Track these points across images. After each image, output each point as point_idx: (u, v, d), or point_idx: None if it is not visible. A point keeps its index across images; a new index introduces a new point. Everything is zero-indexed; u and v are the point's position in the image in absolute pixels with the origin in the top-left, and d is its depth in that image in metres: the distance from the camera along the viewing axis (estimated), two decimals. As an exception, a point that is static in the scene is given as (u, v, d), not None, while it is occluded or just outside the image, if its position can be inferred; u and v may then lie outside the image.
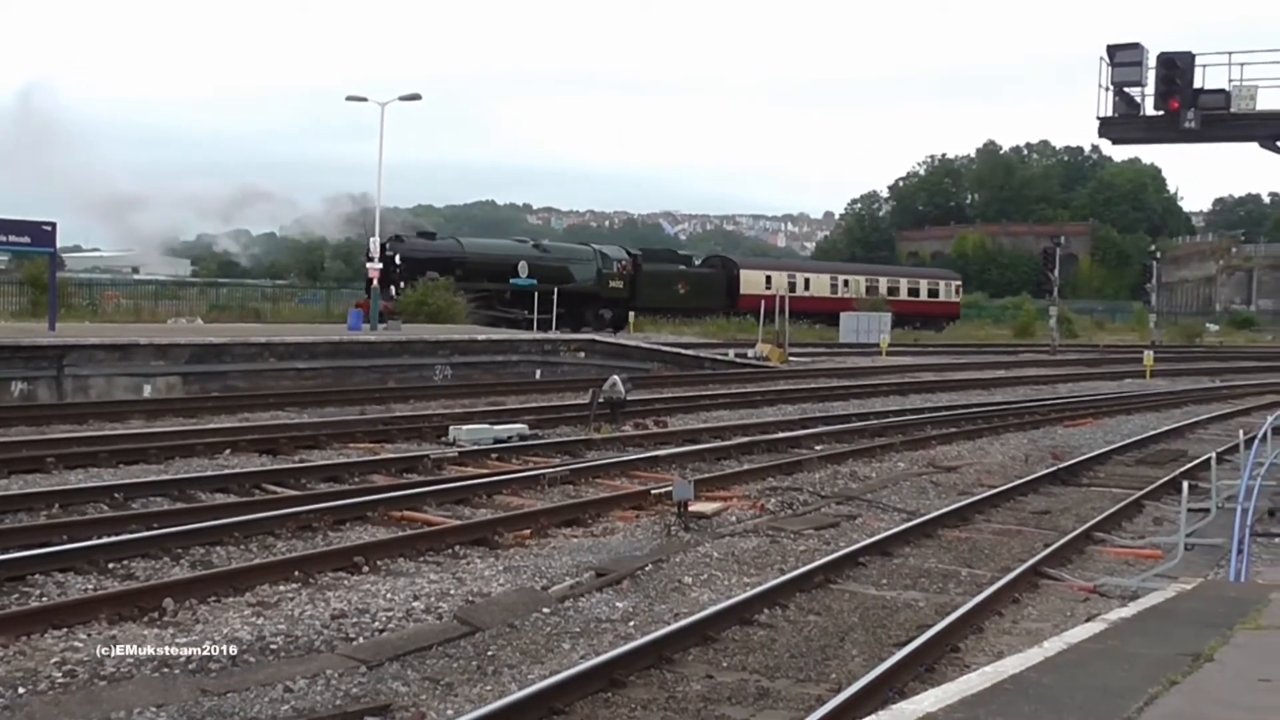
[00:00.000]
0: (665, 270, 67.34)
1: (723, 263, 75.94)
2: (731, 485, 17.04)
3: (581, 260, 63.31)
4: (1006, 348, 65.38)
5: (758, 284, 70.01)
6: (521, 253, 60.16)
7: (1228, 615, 8.73)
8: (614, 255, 65.45)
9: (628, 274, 64.08)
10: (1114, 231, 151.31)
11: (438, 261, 54.77)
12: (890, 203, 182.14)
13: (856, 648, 9.63)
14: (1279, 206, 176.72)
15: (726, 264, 75.27)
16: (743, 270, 73.67)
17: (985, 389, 36.93)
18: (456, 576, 11.31)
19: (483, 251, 59.24)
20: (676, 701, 8.17)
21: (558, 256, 62.46)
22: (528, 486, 16.06)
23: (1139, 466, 21.21)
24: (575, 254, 64.64)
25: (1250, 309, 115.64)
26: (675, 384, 33.72)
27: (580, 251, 65.69)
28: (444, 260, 55.29)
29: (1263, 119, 21.77)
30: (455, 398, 28.26)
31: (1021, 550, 13.70)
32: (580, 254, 64.73)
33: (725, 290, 69.82)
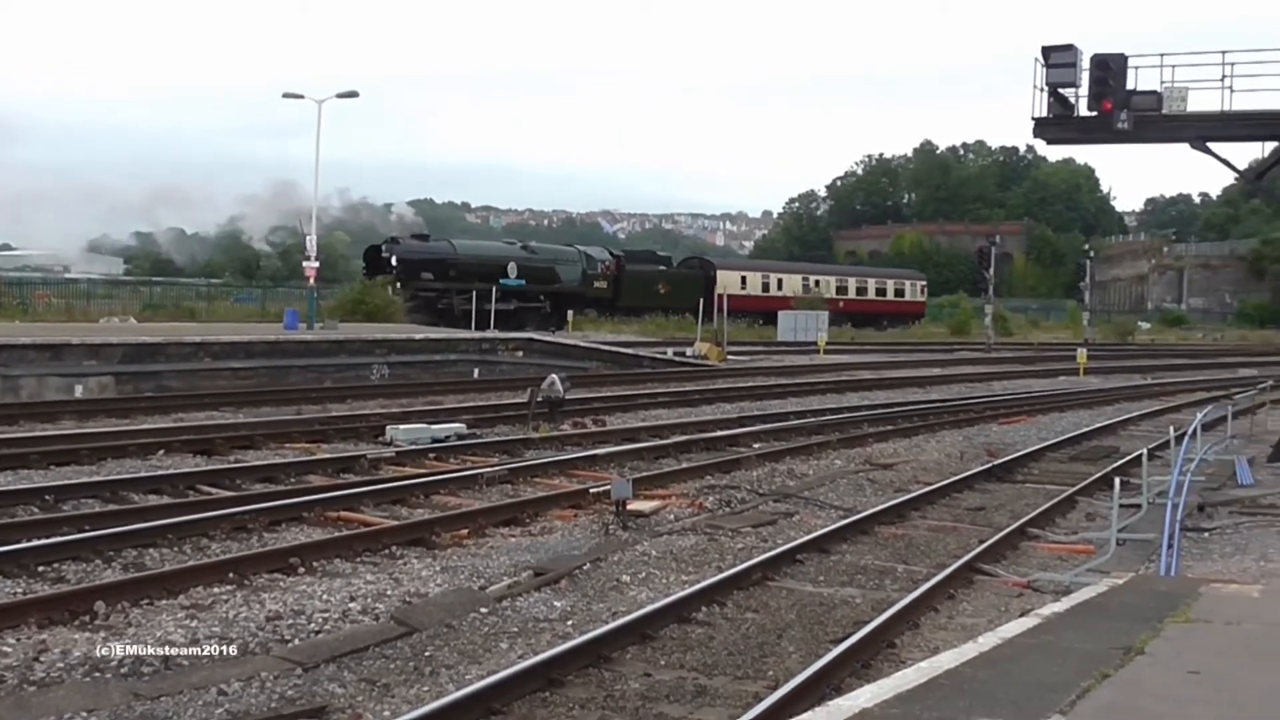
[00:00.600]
0: (647, 271, 69.20)
1: (700, 264, 78.19)
2: (670, 484, 17.05)
3: (567, 261, 65.08)
4: (943, 346, 65.89)
5: (734, 284, 71.86)
6: (511, 254, 61.89)
7: (1158, 609, 8.84)
8: (598, 256, 67.38)
9: (611, 275, 66.00)
10: (1048, 231, 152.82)
11: (432, 263, 56.44)
12: (828, 202, 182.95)
13: (794, 645, 9.67)
14: (1209, 207, 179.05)
15: (704, 265, 77.47)
16: (719, 271, 75.28)
17: (921, 387, 37.20)
18: (393, 577, 11.25)
19: (474, 253, 60.89)
20: (615, 700, 8.16)
21: (545, 258, 63.96)
22: (465, 486, 16.00)
23: (1072, 463, 21.45)
24: (561, 255, 66.27)
25: (1181, 307, 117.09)
26: (614, 383, 33.71)
27: (566, 253, 67.33)
28: (438, 261, 56.90)
29: (1193, 120, 22.09)
30: (393, 397, 28.11)
31: (957, 546, 13.81)
32: (566, 255, 66.43)
33: (703, 290, 67.99)
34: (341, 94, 46.59)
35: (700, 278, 72.01)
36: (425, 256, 57.00)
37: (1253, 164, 24.92)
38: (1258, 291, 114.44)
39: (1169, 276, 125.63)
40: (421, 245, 58.70)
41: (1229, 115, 21.74)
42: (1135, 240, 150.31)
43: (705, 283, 70.15)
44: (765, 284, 77.75)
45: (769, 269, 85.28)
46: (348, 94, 46.75)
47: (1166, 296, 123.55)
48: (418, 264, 55.55)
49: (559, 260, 64.96)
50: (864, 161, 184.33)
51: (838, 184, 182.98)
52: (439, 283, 55.87)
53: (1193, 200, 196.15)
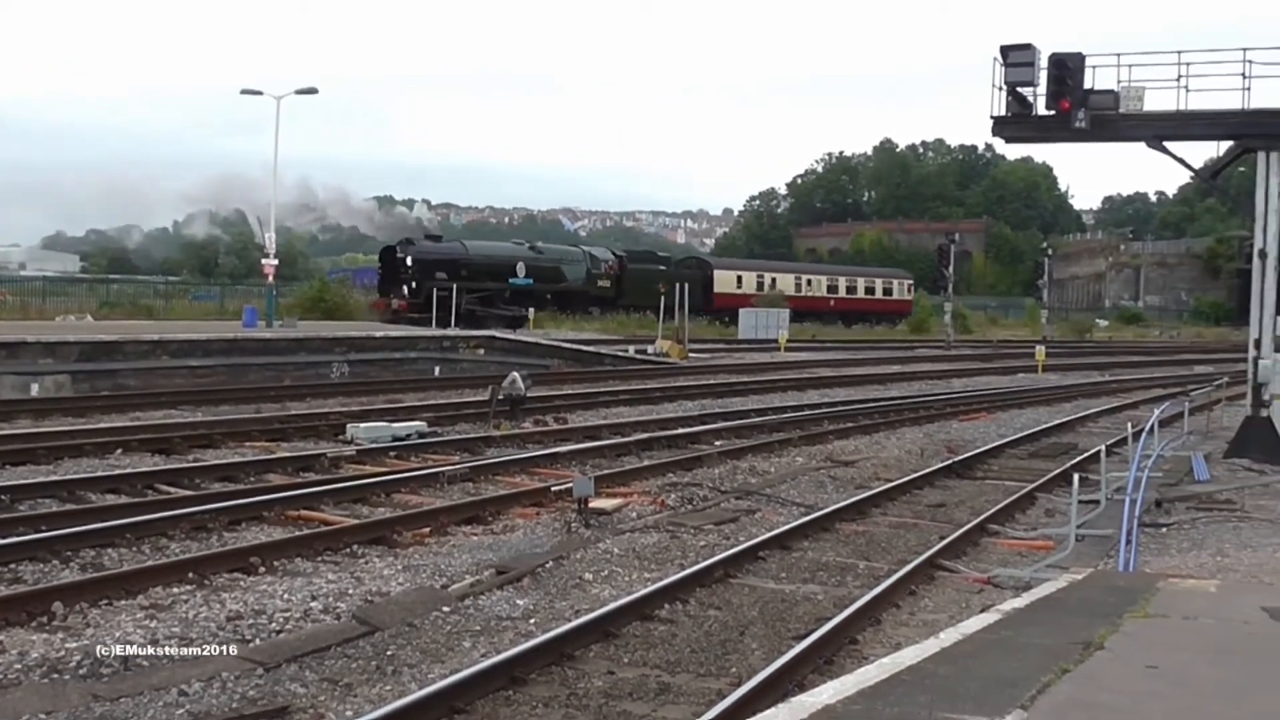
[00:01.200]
0: (648, 270, 69.70)
1: (698, 264, 79.79)
2: (632, 481, 17.06)
3: (573, 261, 66.70)
4: (902, 343, 66.15)
5: (730, 284, 76.21)
6: (519, 254, 63.58)
7: (1117, 604, 8.91)
8: (601, 256, 69.12)
9: (614, 274, 67.43)
10: (1007, 229, 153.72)
11: (445, 263, 57.27)
12: (789, 200, 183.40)
13: (756, 641, 9.69)
14: (1165, 205, 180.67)
15: (702, 265, 79.27)
16: (716, 271, 77.84)
17: (881, 384, 37.34)
18: (355, 576, 11.21)
19: (485, 253, 62.28)
20: (578, 698, 8.16)
21: (551, 258, 65.43)
22: (427, 484, 15.96)
23: (1031, 459, 21.59)
24: (567, 255, 68.00)
25: (1138, 305, 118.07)
26: (576, 380, 33.67)
27: (571, 253, 69.34)
28: (451, 262, 57.73)
29: (1150, 119, 22.26)
30: (353, 395, 28.00)
31: (918, 543, 13.88)
32: (571, 255, 68.23)
33: (701, 290, 72.00)
34: (300, 90, 46.32)
35: (699, 277, 73.31)
36: (439, 257, 57.92)
37: (1208, 163, 25.14)
38: (1213, 289, 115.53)
39: (1126, 274, 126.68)
40: (435, 246, 59.69)
41: (1185, 115, 21.92)
42: (1093, 238, 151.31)
43: (703, 281, 73.25)
44: (760, 283, 79.03)
45: (763, 268, 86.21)
46: (306, 90, 46.50)
47: (1124, 294, 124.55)
48: (432, 264, 56.45)
49: (565, 260, 66.50)
50: (824, 159, 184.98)
51: (798, 182, 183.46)
52: (452, 282, 55.97)
53: (1149, 199, 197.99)
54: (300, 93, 46.32)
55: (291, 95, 46.17)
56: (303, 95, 46.55)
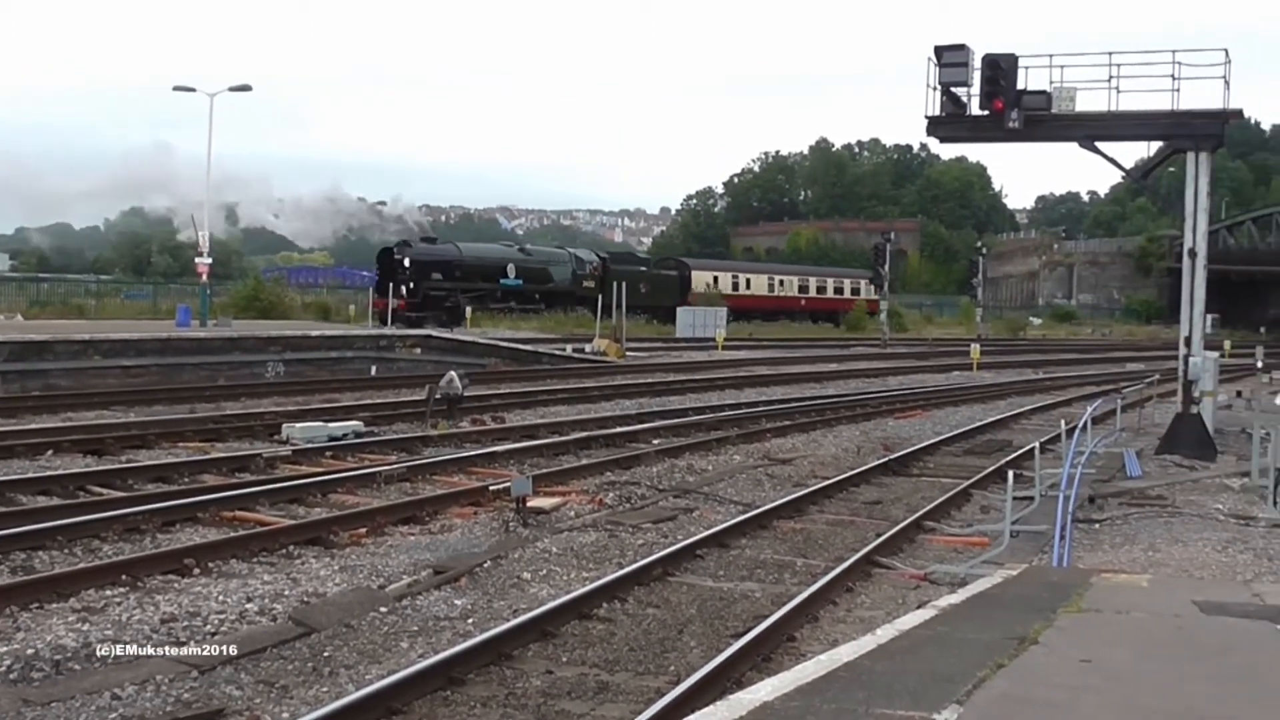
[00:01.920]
0: (630, 271, 71.05)
1: (676, 264, 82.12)
2: (570, 480, 17.04)
3: (559, 263, 69.45)
4: (839, 341, 66.52)
5: (706, 284, 79.13)
6: (510, 256, 66.88)
7: (1051, 599, 9.00)
8: (586, 258, 71.49)
9: (598, 275, 68.79)
10: (942, 228, 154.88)
11: (440, 264, 60.39)
12: (725, 199, 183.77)
13: (695, 639, 9.72)
14: (1097, 204, 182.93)
15: (680, 265, 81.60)
16: (694, 271, 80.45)
17: (818, 382, 37.52)
18: (291, 577, 11.12)
19: (477, 255, 65.22)
20: (516, 698, 8.15)
21: (539, 260, 68.67)
22: (364, 484, 15.86)
23: (966, 456, 21.78)
24: (554, 257, 71.00)
25: (1071, 303, 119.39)
26: (513, 379, 33.59)
27: (558, 255, 72.15)
28: (446, 263, 60.84)
29: (1081, 120, 22.52)
30: (288, 395, 27.77)
31: (855, 540, 13.96)
32: (558, 257, 71.12)
33: (679, 289, 75.74)
34: (234, 87, 45.88)
35: (677, 277, 77.08)
36: (435, 258, 60.55)
37: (1139, 163, 25.46)
38: (1144, 288, 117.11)
39: (1059, 273, 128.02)
40: (430, 248, 62.40)
41: (1116, 115, 22.19)
42: (1026, 237, 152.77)
43: (681, 281, 76.82)
44: (735, 283, 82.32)
45: (738, 269, 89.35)
46: (240, 87, 46.06)
47: (1057, 292, 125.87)
48: (428, 265, 59.15)
49: (552, 262, 69.17)
50: (761, 159, 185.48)
51: (735, 181, 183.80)
52: (447, 283, 59.62)
53: (1081, 198, 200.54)
54: (234, 90, 45.90)
55: (225, 92, 45.77)
56: (236, 93, 46.12)
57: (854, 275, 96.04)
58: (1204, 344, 23.06)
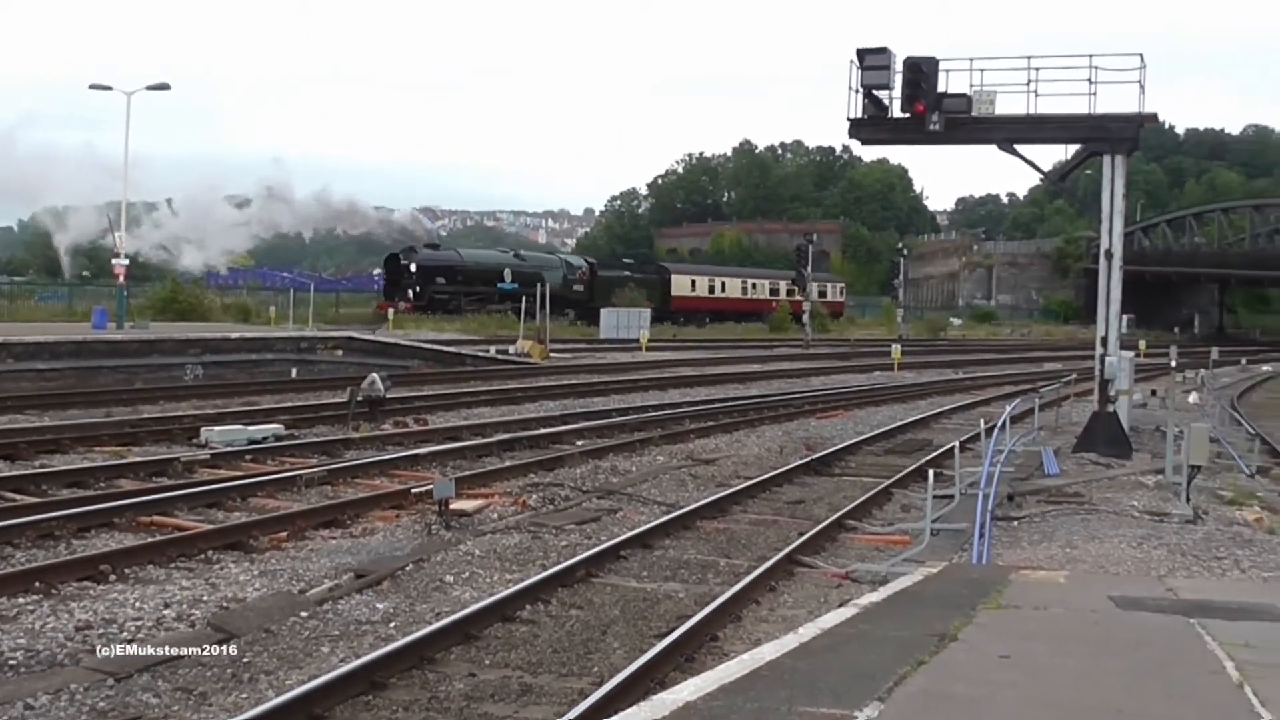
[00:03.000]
0: (615, 276, 78.14)
1: (658, 269, 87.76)
2: (493, 482, 16.98)
3: (551, 268, 73.66)
4: (762, 342, 66.83)
5: (686, 287, 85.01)
6: (506, 261, 71.20)
7: (971, 596, 9.10)
8: (576, 264, 77.56)
9: (586, 279, 75.31)
10: (864, 229, 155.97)
11: (444, 269, 66.32)
12: (649, 200, 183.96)
13: (618, 640, 9.71)
14: (1016, 206, 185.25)
15: (660, 270, 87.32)
16: (673, 275, 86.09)
17: (742, 383, 37.69)
18: (210, 582, 10.98)
19: (477, 261, 70.92)
20: (439, 701, 8.10)
21: (533, 265, 73.30)
22: (284, 488, 15.71)
23: (888, 456, 21.96)
24: (546, 262, 76.06)
25: (990, 304, 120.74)
26: (436, 381, 33.43)
27: (550, 260, 77.86)
28: (448, 268, 66.77)
29: (1001, 122, 22.79)
30: (207, 398, 27.40)
31: (777, 539, 14.03)
32: (550, 262, 76.47)
33: (660, 292, 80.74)
34: (152, 86, 45.19)
35: (658, 280, 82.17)
36: (439, 264, 66.31)
37: (1057, 165, 25.84)
38: (1062, 288, 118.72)
39: (979, 274, 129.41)
40: (434, 254, 68.00)
41: (1035, 119, 22.48)
42: (947, 239, 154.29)
43: (662, 285, 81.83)
44: (711, 286, 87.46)
45: (714, 273, 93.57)
46: (158, 86, 45.37)
47: (976, 293, 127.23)
48: (433, 270, 64.98)
49: (544, 267, 72.81)
50: (685, 160, 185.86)
51: (659, 182, 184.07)
52: (450, 286, 65.20)
53: (1001, 200, 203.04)
54: (152, 89, 45.22)
55: (143, 91, 45.09)
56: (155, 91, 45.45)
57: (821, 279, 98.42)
58: (1120, 344, 23.43)
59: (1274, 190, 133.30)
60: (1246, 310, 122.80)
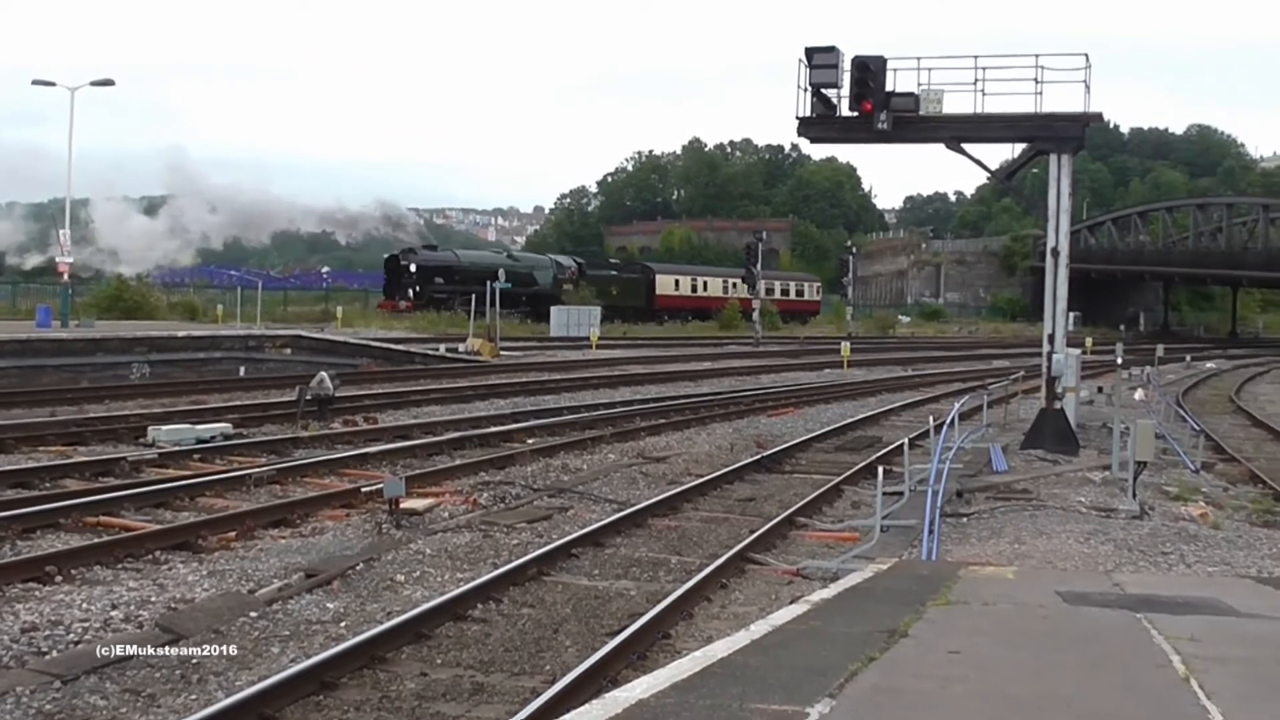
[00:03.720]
0: (602, 275, 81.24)
1: (642, 269, 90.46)
2: (443, 481, 16.93)
3: (542, 268, 77.27)
4: (712, 340, 66.94)
5: (669, 286, 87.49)
6: (500, 262, 70.53)
7: (921, 592, 9.16)
8: (565, 264, 79.55)
9: (575, 278, 77.42)
10: (813, 227, 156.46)
11: (442, 270, 68.58)
12: (599, 198, 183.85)
13: (570, 638, 9.71)
14: (964, 205, 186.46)
15: (645, 270, 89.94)
16: (658, 275, 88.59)
17: (692, 380, 37.73)
18: (158, 583, 10.88)
19: (473, 261, 72.59)
20: (390, 701, 8.07)
21: (525, 265, 76.29)
22: (233, 487, 15.59)
23: (838, 453, 22.05)
24: (537, 263, 78.97)
25: (939, 301, 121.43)
26: (385, 379, 33.26)
27: (541, 260, 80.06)
28: (446, 268, 69.03)
29: (948, 121, 22.95)
30: (154, 397, 27.16)
31: (729, 537, 14.06)
32: (541, 263, 79.09)
33: (645, 291, 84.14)
34: (96, 82, 44.74)
35: (643, 280, 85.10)
36: (437, 264, 68.84)
37: (1004, 164, 26.05)
38: (1009, 286, 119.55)
39: (927, 272, 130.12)
40: (433, 255, 70.50)
41: (982, 118, 22.66)
42: (895, 237, 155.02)
43: (647, 284, 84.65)
44: (694, 285, 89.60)
45: (697, 273, 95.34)
46: (102, 82, 44.93)
47: (925, 291, 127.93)
48: (432, 270, 67.41)
49: (536, 267, 76.98)
50: (634, 158, 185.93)
51: (609, 180, 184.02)
52: (448, 286, 66.85)
53: (949, 199, 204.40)
54: (95, 84, 44.77)
55: (87, 86, 44.63)
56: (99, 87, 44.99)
57: (799, 279, 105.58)
58: (1066, 341, 23.64)
59: (1216, 189, 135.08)
60: (1190, 308, 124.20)
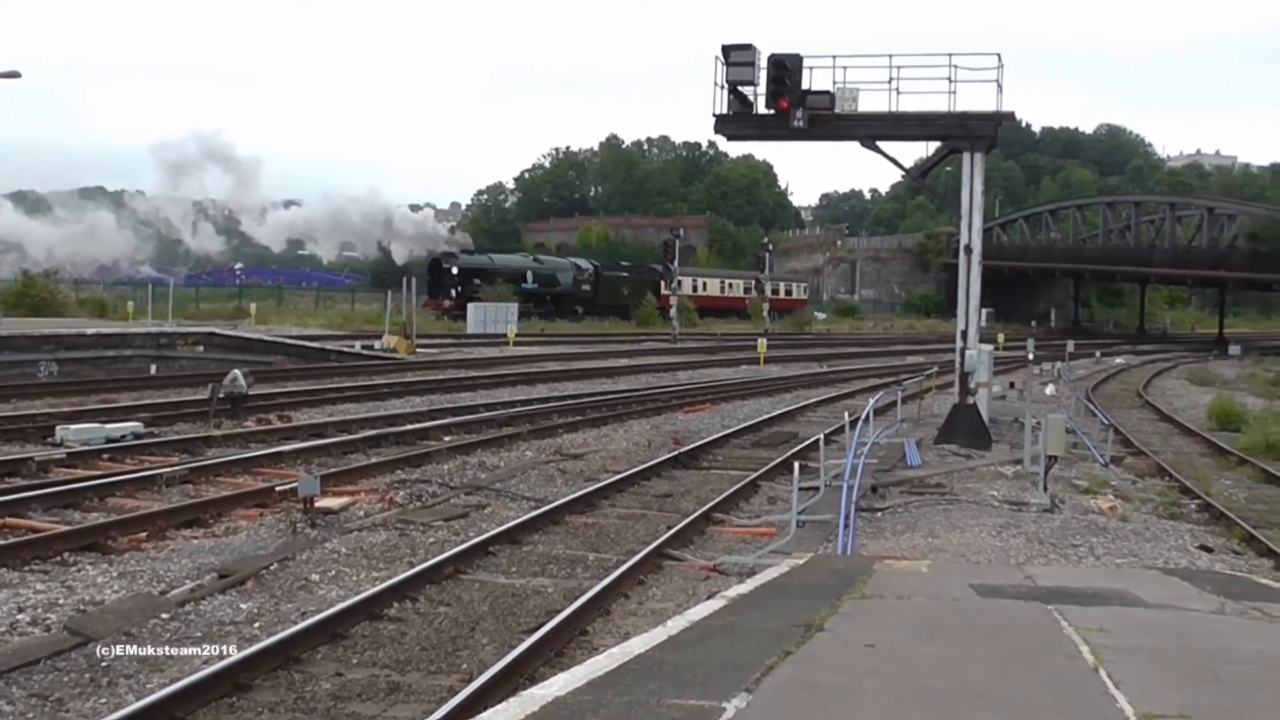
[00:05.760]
0: (615, 276, 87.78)
1: (649, 270, 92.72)
2: (359, 479, 16.81)
3: (564, 270, 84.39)
4: (629, 337, 66.98)
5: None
6: (528, 265, 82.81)
7: (836, 586, 9.22)
8: (584, 266, 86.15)
9: (592, 280, 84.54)
10: (730, 224, 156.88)
11: (480, 272, 75.81)
12: (516, 194, 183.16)
13: (487, 637, 9.68)
14: (879, 202, 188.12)
15: (652, 271, 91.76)
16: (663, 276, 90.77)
17: (609, 377, 37.73)
18: (66, 585, 10.69)
19: (506, 264, 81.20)
20: (305, 702, 7.99)
21: (549, 268, 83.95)
22: (144, 487, 15.36)
23: (754, 449, 22.17)
24: (559, 266, 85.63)
25: (854, 298, 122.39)
26: (300, 377, 32.89)
27: (562, 264, 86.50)
28: (483, 271, 76.33)
29: (863, 120, 23.16)
30: (62, 395, 26.66)
31: (646, 533, 14.09)
32: (563, 265, 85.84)
33: (653, 290, 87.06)
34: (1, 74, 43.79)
35: (650, 280, 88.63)
36: (475, 267, 75.91)
37: (918, 162, 26.39)
38: (923, 283, 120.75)
39: (842, 269, 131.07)
40: (471, 259, 77.57)
41: (896, 116, 22.90)
42: (811, 234, 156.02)
43: (654, 285, 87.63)
44: (695, 285, 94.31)
45: (697, 274, 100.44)
46: (8, 74, 44.00)
47: (840, 288, 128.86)
48: (471, 273, 74.44)
49: (558, 270, 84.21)
50: (552, 154, 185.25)
51: (526, 176, 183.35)
52: (485, 287, 73.65)
53: (864, 196, 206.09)
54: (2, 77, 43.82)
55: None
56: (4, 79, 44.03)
57: (788, 279, 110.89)
58: (979, 337, 23.94)
59: (1125, 187, 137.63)
60: (1100, 304, 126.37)
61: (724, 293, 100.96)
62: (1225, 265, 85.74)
